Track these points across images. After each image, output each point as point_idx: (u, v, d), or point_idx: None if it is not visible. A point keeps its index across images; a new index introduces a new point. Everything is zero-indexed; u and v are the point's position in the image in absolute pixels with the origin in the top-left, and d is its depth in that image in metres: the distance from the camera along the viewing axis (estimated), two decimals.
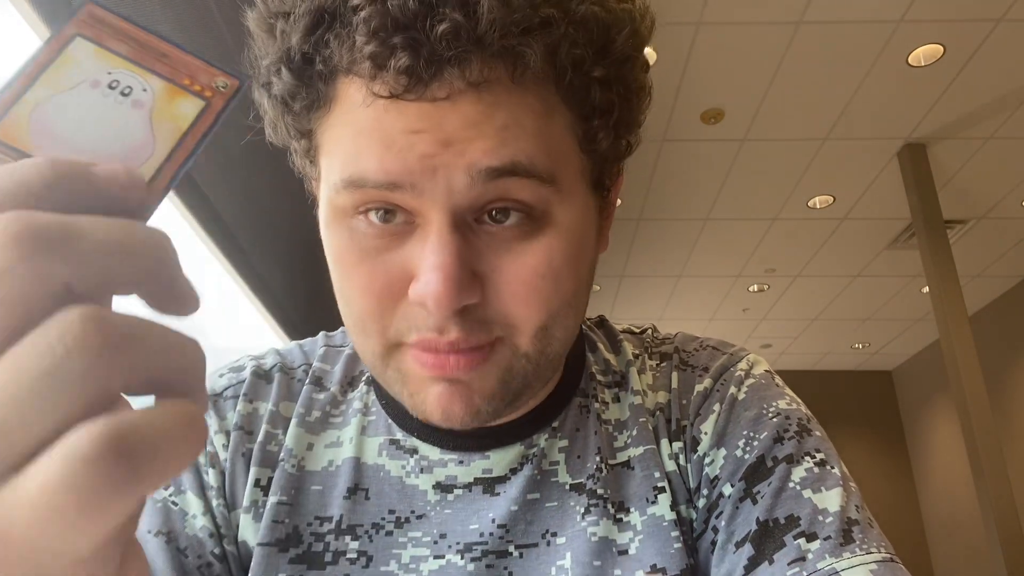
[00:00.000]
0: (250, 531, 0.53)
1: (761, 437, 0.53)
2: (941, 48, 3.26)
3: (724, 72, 3.40)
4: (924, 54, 3.29)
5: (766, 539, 0.48)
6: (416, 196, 0.41)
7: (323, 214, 0.47)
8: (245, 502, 0.54)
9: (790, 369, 7.42)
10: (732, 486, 0.52)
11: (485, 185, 0.41)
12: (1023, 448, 5.70)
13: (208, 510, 0.53)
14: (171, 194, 1.06)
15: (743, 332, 6.70)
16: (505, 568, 0.52)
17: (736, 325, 6.51)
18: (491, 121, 0.41)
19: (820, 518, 0.48)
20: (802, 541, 0.47)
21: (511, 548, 0.53)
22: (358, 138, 0.42)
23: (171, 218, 1.16)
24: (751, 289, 5.80)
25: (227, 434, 0.56)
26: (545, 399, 0.57)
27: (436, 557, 0.52)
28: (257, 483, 0.54)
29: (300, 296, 1.55)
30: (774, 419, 0.54)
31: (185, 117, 0.26)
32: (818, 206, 4.55)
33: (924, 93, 3.55)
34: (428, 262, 0.41)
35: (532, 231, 0.44)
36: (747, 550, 0.49)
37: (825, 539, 0.47)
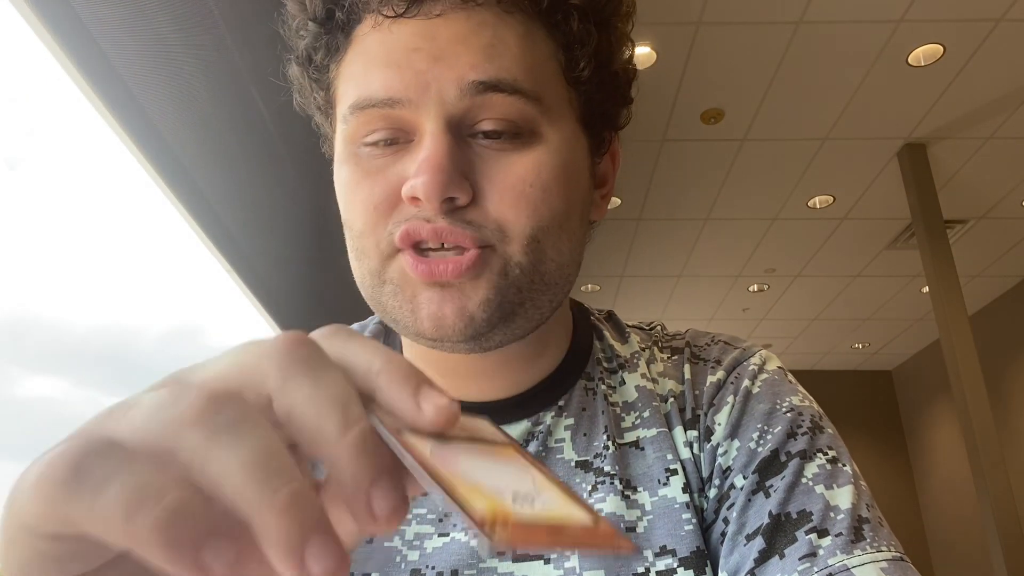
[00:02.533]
0: None
1: (775, 431, 0.53)
2: (941, 48, 3.26)
3: (724, 72, 3.40)
4: (924, 54, 3.29)
5: (778, 533, 0.48)
6: (413, 110, 0.47)
7: (336, 154, 0.52)
8: None
9: (790, 369, 7.38)
10: (744, 478, 0.52)
11: (473, 99, 0.46)
12: (1023, 448, 5.70)
13: None
14: (171, 195, 1.05)
15: (743, 332, 6.70)
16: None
17: (736, 325, 6.51)
18: (478, 38, 0.47)
19: (832, 515, 0.48)
20: (813, 536, 0.47)
21: None
22: (366, 65, 0.49)
23: (171, 218, 1.16)
24: (751, 289, 5.79)
25: None
26: (550, 375, 0.58)
27: (441, 535, 0.53)
28: None
29: (299, 296, 1.55)
30: (787, 414, 0.54)
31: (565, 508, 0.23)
32: (818, 206, 4.55)
33: (924, 93, 3.55)
34: (420, 156, 0.46)
35: (522, 145, 0.48)
36: (758, 543, 0.49)
37: (836, 536, 0.47)
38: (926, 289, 4.32)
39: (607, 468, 0.54)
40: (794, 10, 3.04)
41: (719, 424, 0.55)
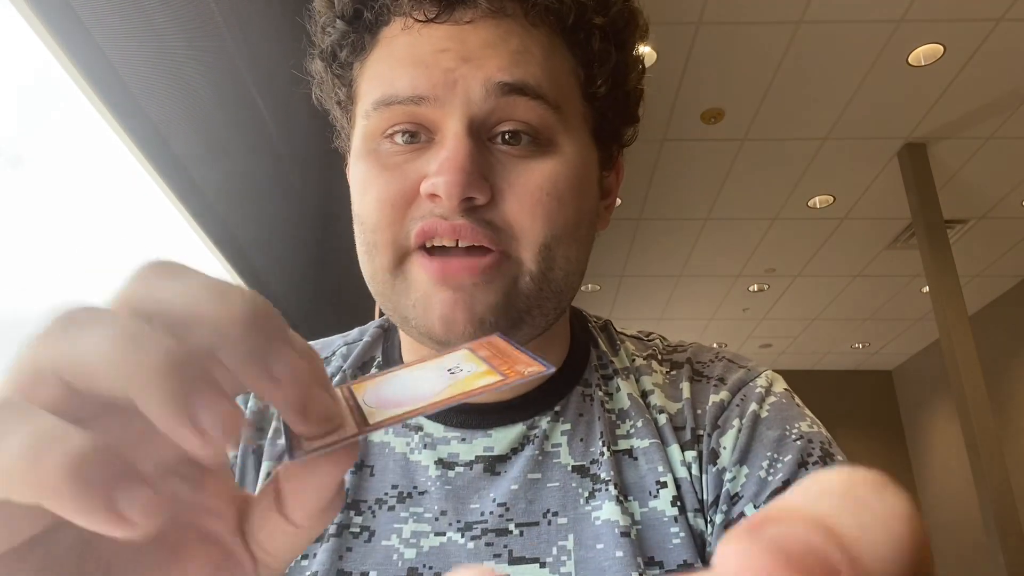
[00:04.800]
0: None
1: (785, 460, 0.52)
2: (941, 48, 3.26)
3: (724, 72, 3.40)
4: (924, 54, 3.29)
5: None
6: (438, 108, 0.48)
7: (354, 148, 0.53)
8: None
9: (790, 369, 7.42)
10: (756, 507, 0.51)
11: (498, 100, 0.47)
12: (1023, 448, 5.70)
13: None
14: (171, 194, 1.05)
15: (743, 332, 6.70)
16: (504, 546, 0.52)
17: (736, 325, 6.51)
18: (506, 44, 0.48)
19: None
20: None
21: (511, 526, 0.53)
22: (393, 64, 0.50)
23: (171, 218, 1.16)
24: (751, 289, 5.80)
25: None
26: (547, 382, 0.58)
27: (437, 534, 0.53)
28: (268, 476, 0.54)
29: (300, 296, 1.55)
30: (797, 442, 0.53)
31: (472, 382, 0.27)
32: (818, 206, 4.55)
33: (924, 93, 3.55)
34: (441, 155, 0.47)
35: (539, 153, 0.50)
36: None
37: None
38: (926, 289, 4.32)
39: (603, 475, 0.54)
40: (794, 10, 3.04)
41: (724, 448, 0.54)
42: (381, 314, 0.63)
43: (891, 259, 5.22)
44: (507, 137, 0.49)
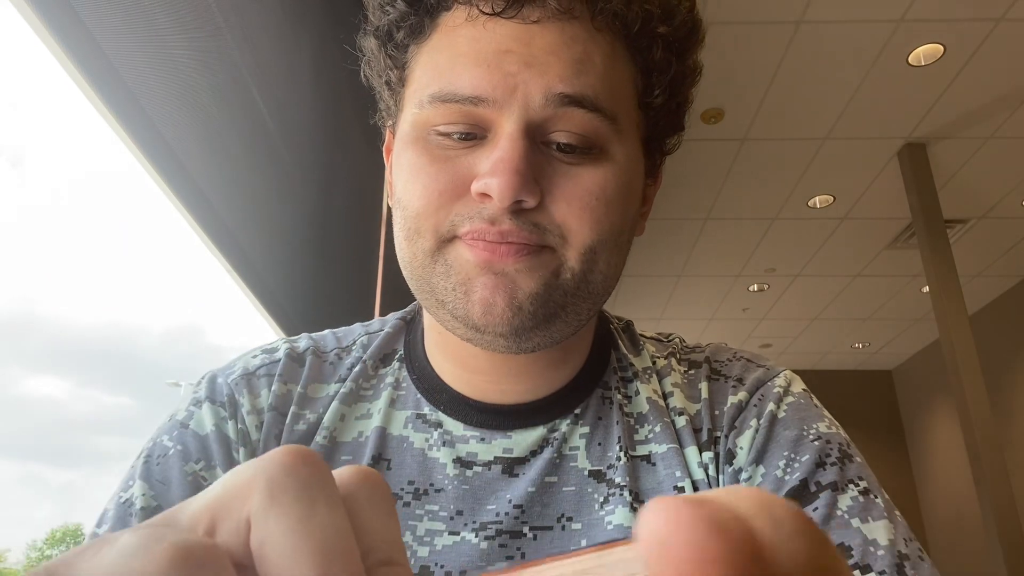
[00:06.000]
0: None
1: (803, 460, 0.52)
2: (941, 48, 3.26)
3: (724, 72, 3.40)
4: (924, 54, 3.29)
5: None
6: (496, 109, 0.48)
7: (401, 134, 0.53)
8: None
9: (791, 369, 7.40)
10: None
11: (556, 109, 0.47)
12: (1023, 448, 5.70)
13: None
14: (170, 193, 1.04)
15: (743, 332, 6.70)
16: (518, 549, 0.52)
17: (736, 325, 6.51)
18: (570, 51, 0.48)
19: (872, 549, 0.47)
20: (857, 573, 0.46)
21: (525, 529, 0.53)
22: (454, 58, 0.49)
23: (171, 218, 1.16)
24: (751, 289, 5.79)
25: (260, 413, 0.56)
26: (568, 384, 0.58)
27: (451, 533, 0.53)
28: None
29: (300, 296, 1.55)
30: (815, 442, 0.53)
31: None
32: (818, 206, 4.55)
33: (924, 93, 3.55)
34: (496, 155, 0.47)
35: (592, 160, 0.50)
36: None
37: (880, 573, 0.46)
38: (926, 289, 4.32)
39: (618, 480, 0.54)
40: (794, 10, 3.04)
41: (741, 448, 0.54)
42: (382, 315, 0.62)
43: (891, 259, 5.22)
44: (561, 145, 0.49)
